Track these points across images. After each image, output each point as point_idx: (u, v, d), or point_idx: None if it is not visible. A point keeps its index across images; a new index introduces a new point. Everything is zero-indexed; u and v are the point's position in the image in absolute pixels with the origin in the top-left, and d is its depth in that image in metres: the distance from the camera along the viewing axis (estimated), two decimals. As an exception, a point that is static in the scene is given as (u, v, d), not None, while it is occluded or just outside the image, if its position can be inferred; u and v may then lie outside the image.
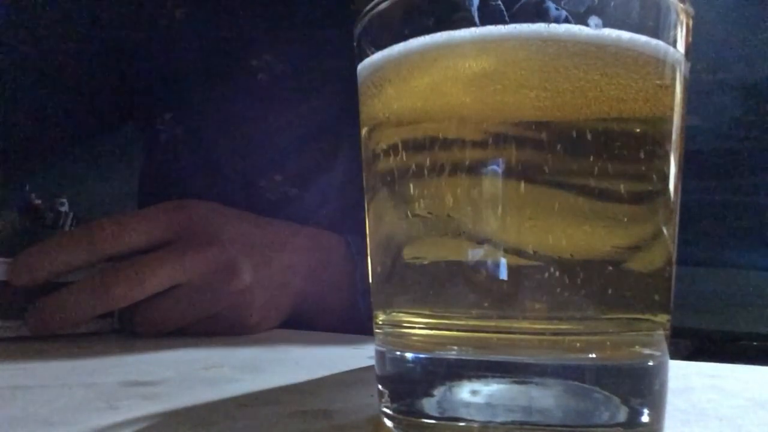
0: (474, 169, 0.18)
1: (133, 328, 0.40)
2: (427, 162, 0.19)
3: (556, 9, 0.19)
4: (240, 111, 0.57)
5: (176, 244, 0.40)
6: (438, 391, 0.19)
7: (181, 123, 0.60)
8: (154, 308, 0.39)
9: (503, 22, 0.18)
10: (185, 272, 0.39)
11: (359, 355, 0.34)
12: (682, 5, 0.20)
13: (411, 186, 0.20)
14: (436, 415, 0.18)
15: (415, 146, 0.20)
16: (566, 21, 0.18)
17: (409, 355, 0.20)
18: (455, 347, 0.19)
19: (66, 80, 0.62)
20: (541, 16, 0.18)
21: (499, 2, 0.18)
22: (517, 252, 0.18)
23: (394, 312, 0.21)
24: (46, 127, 0.64)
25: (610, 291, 0.18)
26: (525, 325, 0.18)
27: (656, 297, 0.19)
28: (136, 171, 0.66)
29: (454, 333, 0.19)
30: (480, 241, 0.18)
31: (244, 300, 0.41)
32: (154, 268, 0.38)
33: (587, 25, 0.18)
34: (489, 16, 0.18)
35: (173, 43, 0.59)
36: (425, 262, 0.20)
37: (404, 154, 0.20)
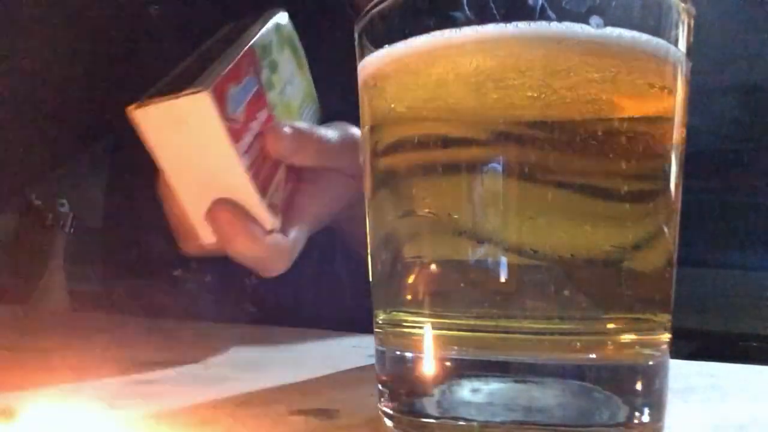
0: (475, 169, 0.18)
1: None
2: (428, 161, 0.19)
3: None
4: None
5: None
6: (438, 391, 0.18)
7: None
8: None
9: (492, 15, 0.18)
10: None
11: (359, 354, 0.34)
12: (683, 5, 0.19)
13: (412, 185, 0.20)
14: (436, 414, 0.18)
15: (416, 145, 0.20)
16: (542, 9, 0.18)
17: (409, 355, 0.19)
18: (455, 347, 0.19)
19: (62, 85, 0.62)
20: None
21: None
22: (518, 251, 0.18)
23: (394, 311, 0.21)
24: (44, 130, 0.63)
25: (610, 291, 0.18)
26: (525, 324, 0.18)
27: (657, 297, 0.19)
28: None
29: (454, 333, 0.19)
30: (481, 241, 0.18)
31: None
32: None
33: (589, 24, 0.18)
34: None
35: (168, 47, 0.59)
36: (426, 262, 0.19)
37: (405, 153, 0.20)
